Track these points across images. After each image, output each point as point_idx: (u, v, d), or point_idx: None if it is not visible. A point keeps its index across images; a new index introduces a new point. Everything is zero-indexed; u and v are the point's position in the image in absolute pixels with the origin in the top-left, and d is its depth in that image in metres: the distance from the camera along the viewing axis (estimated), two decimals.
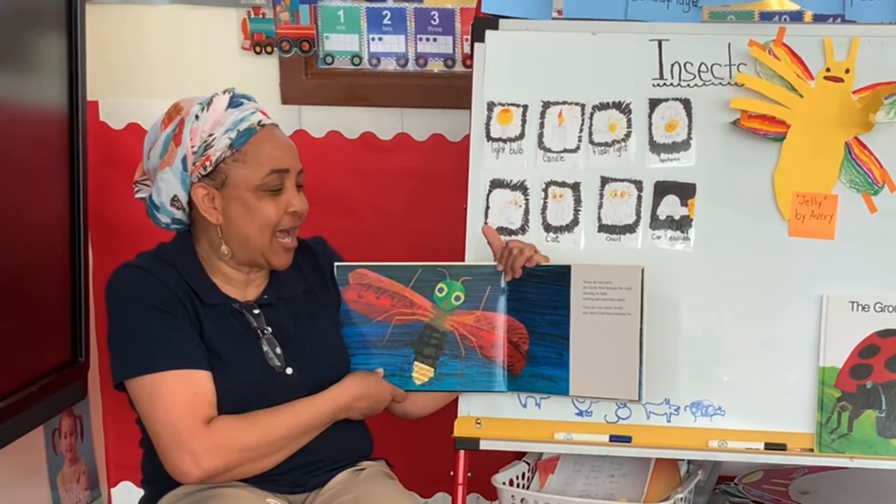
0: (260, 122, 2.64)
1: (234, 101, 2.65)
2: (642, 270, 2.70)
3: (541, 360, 2.81)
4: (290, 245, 2.69)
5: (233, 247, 2.67)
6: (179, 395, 2.56)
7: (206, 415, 2.57)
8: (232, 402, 2.61)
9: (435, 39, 3.45)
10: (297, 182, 2.69)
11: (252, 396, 2.63)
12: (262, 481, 2.66)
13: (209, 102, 2.63)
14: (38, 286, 3.11)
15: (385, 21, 3.47)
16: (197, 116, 2.62)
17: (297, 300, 2.78)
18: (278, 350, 2.69)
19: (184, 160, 2.63)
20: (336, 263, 2.87)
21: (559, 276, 2.77)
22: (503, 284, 2.83)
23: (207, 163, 2.61)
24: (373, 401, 2.77)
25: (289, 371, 2.68)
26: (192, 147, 2.62)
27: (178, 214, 2.69)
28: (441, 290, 2.85)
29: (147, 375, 2.57)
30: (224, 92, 2.66)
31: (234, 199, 2.63)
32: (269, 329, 2.70)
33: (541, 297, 2.79)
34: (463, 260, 2.92)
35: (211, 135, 2.61)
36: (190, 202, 2.66)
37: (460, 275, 2.85)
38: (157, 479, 2.69)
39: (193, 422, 2.54)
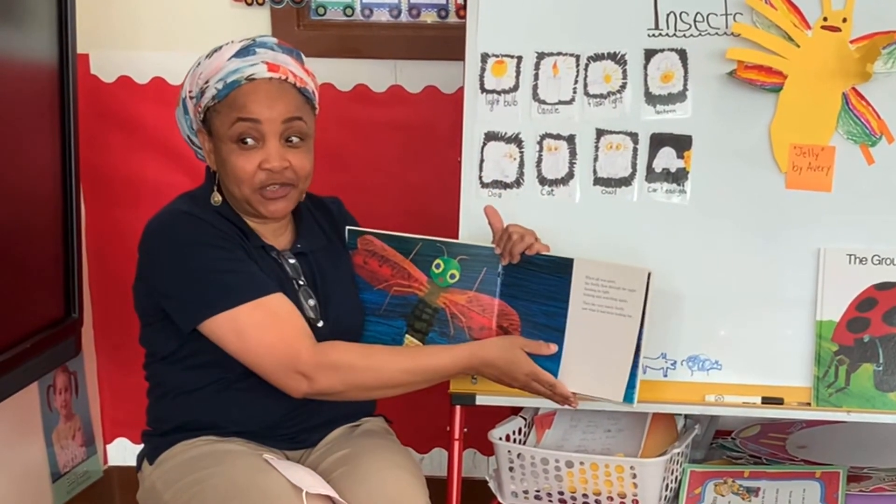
0: (251, 75, 2.57)
1: (245, 51, 2.60)
2: (648, 274, 2.58)
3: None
4: (274, 194, 2.60)
5: (226, 195, 2.65)
6: (264, 321, 2.53)
7: (305, 332, 2.56)
8: None
9: None
10: (285, 137, 2.59)
11: None
12: (263, 437, 2.65)
13: (217, 50, 2.62)
14: (30, 242, 3.11)
15: None
16: (199, 63, 2.63)
17: (320, 253, 2.74)
18: (312, 302, 2.66)
19: (184, 104, 2.66)
20: (348, 227, 2.82)
21: (560, 268, 2.67)
22: (499, 268, 2.75)
23: (199, 110, 2.62)
24: (500, 372, 2.64)
25: (320, 324, 2.64)
26: (191, 93, 2.63)
27: (201, 153, 2.70)
28: (438, 265, 2.79)
29: (224, 312, 2.53)
30: (242, 40, 2.62)
31: (218, 148, 2.61)
32: (303, 280, 2.68)
33: (538, 286, 2.70)
34: (457, 220, 2.89)
35: (206, 82, 2.59)
36: None
37: (458, 253, 2.78)
38: (161, 426, 2.68)
39: (298, 342, 2.53)
